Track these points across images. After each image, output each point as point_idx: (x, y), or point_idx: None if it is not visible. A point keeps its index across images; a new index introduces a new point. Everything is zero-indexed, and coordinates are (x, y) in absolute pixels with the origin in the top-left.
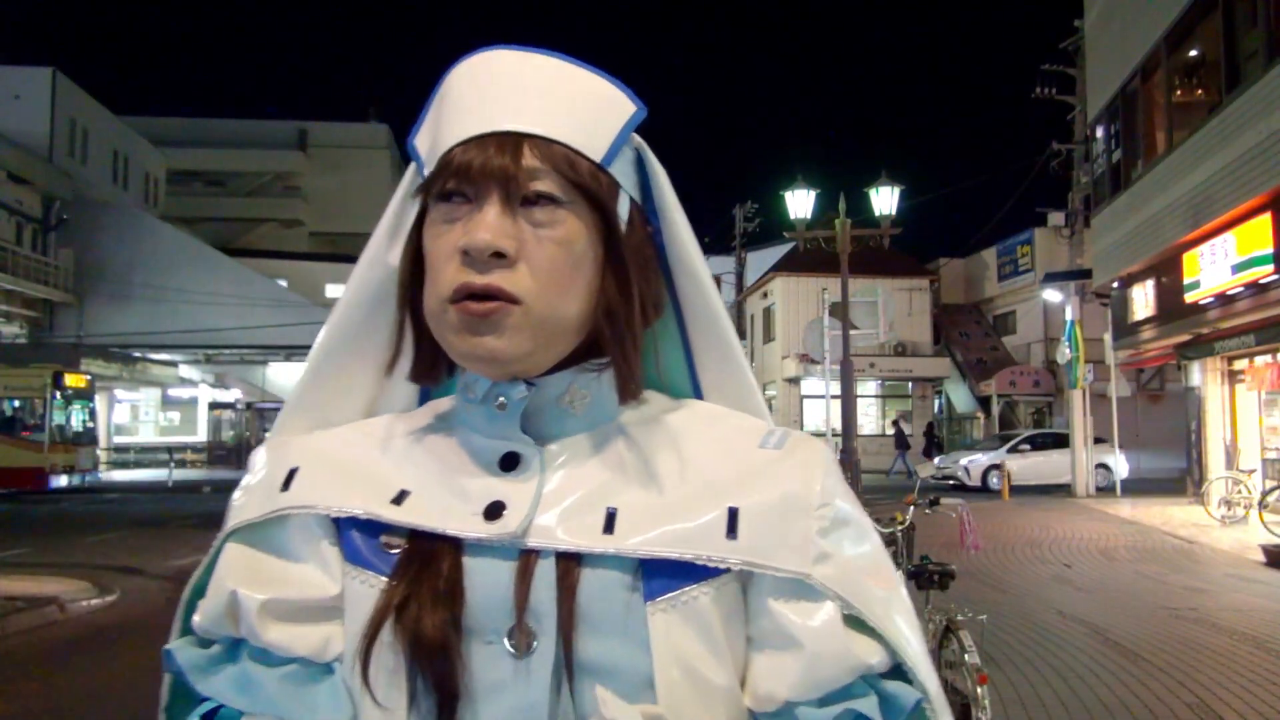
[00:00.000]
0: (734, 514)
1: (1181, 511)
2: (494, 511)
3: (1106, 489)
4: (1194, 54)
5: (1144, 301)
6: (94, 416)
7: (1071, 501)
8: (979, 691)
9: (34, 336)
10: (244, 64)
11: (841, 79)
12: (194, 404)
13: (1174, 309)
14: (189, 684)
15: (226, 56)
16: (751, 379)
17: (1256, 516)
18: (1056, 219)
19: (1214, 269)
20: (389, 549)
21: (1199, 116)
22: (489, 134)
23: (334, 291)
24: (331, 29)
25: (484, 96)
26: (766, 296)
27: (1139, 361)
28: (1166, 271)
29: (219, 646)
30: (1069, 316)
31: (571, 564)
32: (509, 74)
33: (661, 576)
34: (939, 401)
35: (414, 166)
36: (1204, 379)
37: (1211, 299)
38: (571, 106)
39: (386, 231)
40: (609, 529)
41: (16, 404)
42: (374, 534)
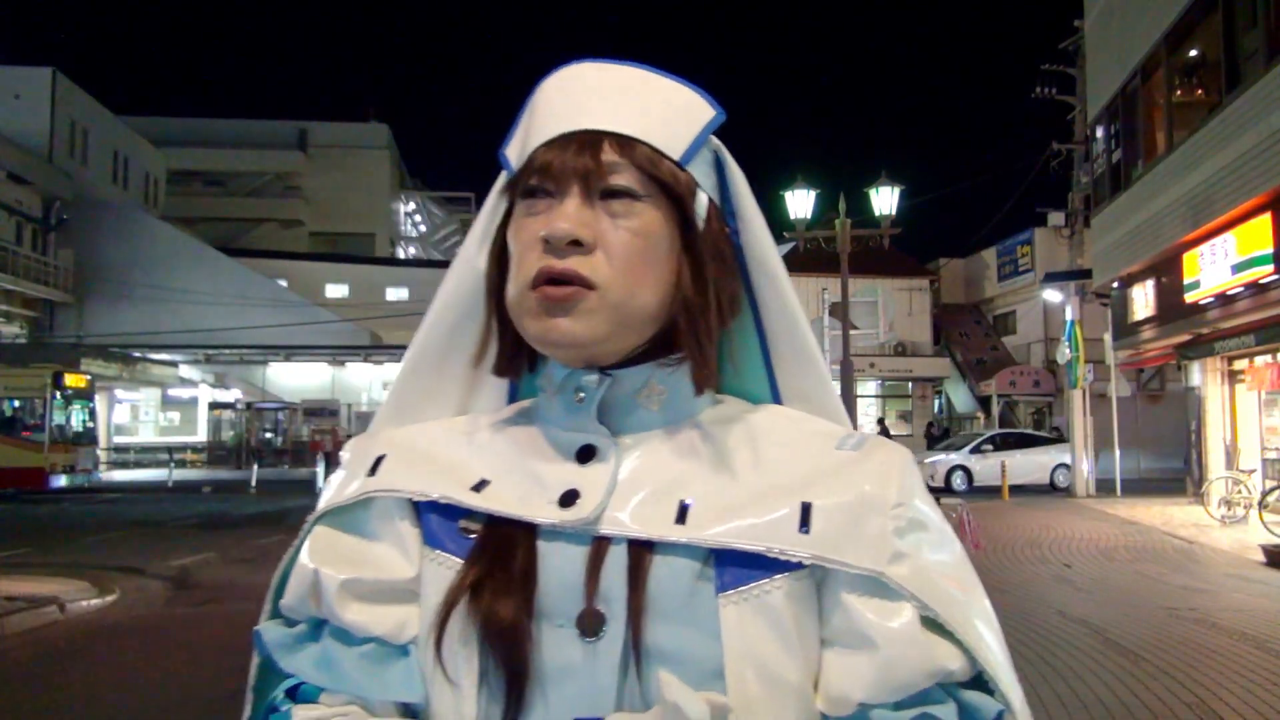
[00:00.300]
0: (807, 509)
1: (1181, 511)
2: (569, 499)
3: (1066, 489)
4: (1194, 54)
5: (1144, 301)
6: (94, 416)
7: (1071, 501)
8: None
9: (34, 336)
10: (244, 64)
11: (841, 79)
12: (194, 404)
13: (1174, 309)
14: (275, 664)
15: (226, 56)
16: (831, 384)
17: (1256, 516)
18: (1056, 219)
19: (1214, 269)
20: (466, 533)
21: (1199, 116)
22: (571, 133)
23: (334, 291)
24: (331, 29)
25: (568, 102)
26: None
27: (1139, 361)
28: (1166, 271)
29: (303, 626)
30: (1069, 316)
31: (643, 551)
32: (592, 82)
33: (734, 569)
34: (939, 402)
35: (504, 175)
36: (1204, 379)
37: (1211, 299)
38: (651, 109)
39: (478, 237)
40: (681, 519)
41: (16, 404)
42: (452, 519)
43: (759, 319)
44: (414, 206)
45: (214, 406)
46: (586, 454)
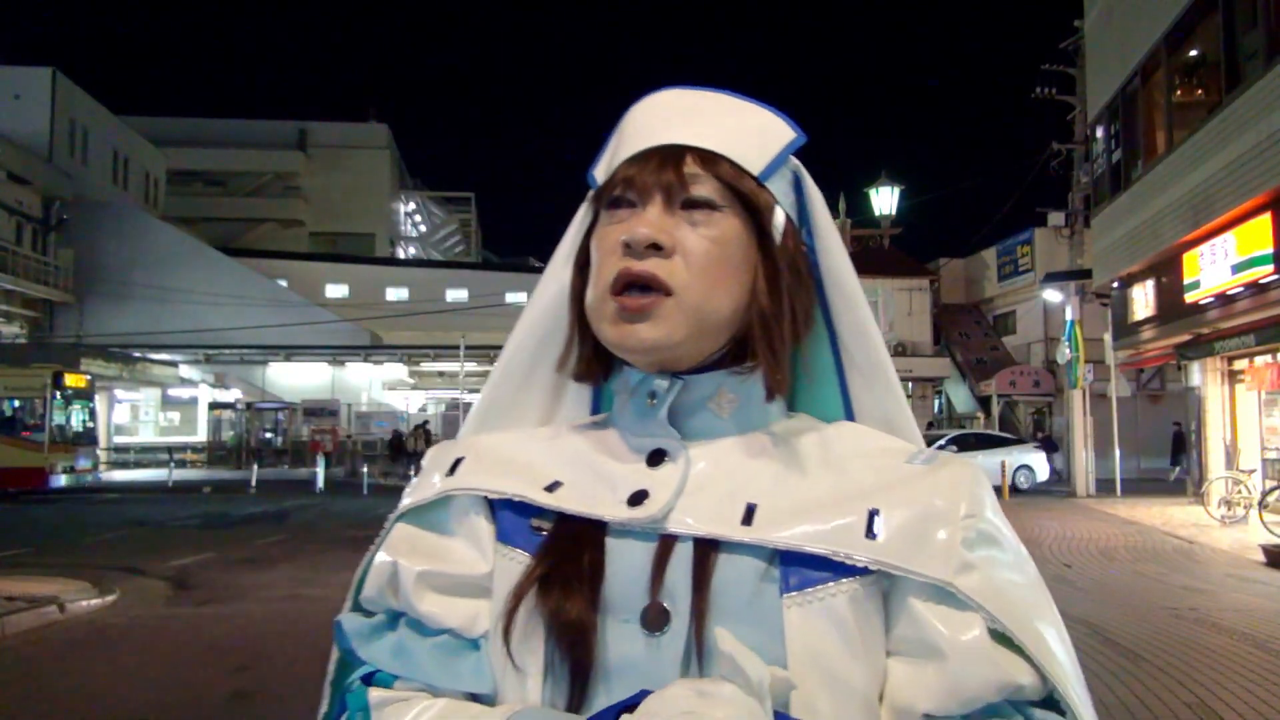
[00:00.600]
0: (873, 515)
1: (1181, 511)
2: (638, 499)
3: (1030, 491)
4: (1194, 54)
5: (1144, 301)
6: (94, 416)
7: (1071, 501)
8: None
9: (34, 336)
10: (244, 64)
11: (841, 78)
12: (194, 404)
13: (1174, 309)
14: (354, 653)
15: (226, 56)
16: (905, 403)
17: (1256, 516)
18: (1056, 219)
19: (1214, 269)
20: (538, 531)
21: (1199, 116)
22: (655, 148)
23: (333, 291)
24: (331, 29)
25: (653, 122)
26: None
27: (1139, 361)
28: (1166, 271)
29: (381, 617)
30: (1069, 316)
31: (709, 550)
32: (677, 104)
33: (799, 570)
34: (939, 402)
35: (592, 192)
36: (1204, 379)
37: (1211, 299)
38: (733, 128)
39: (565, 252)
40: (748, 520)
41: (16, 404)
42: (525, 516)
43: (834, 339)
44: (414, 206)
45: (214, 406)
46: (657, 457)
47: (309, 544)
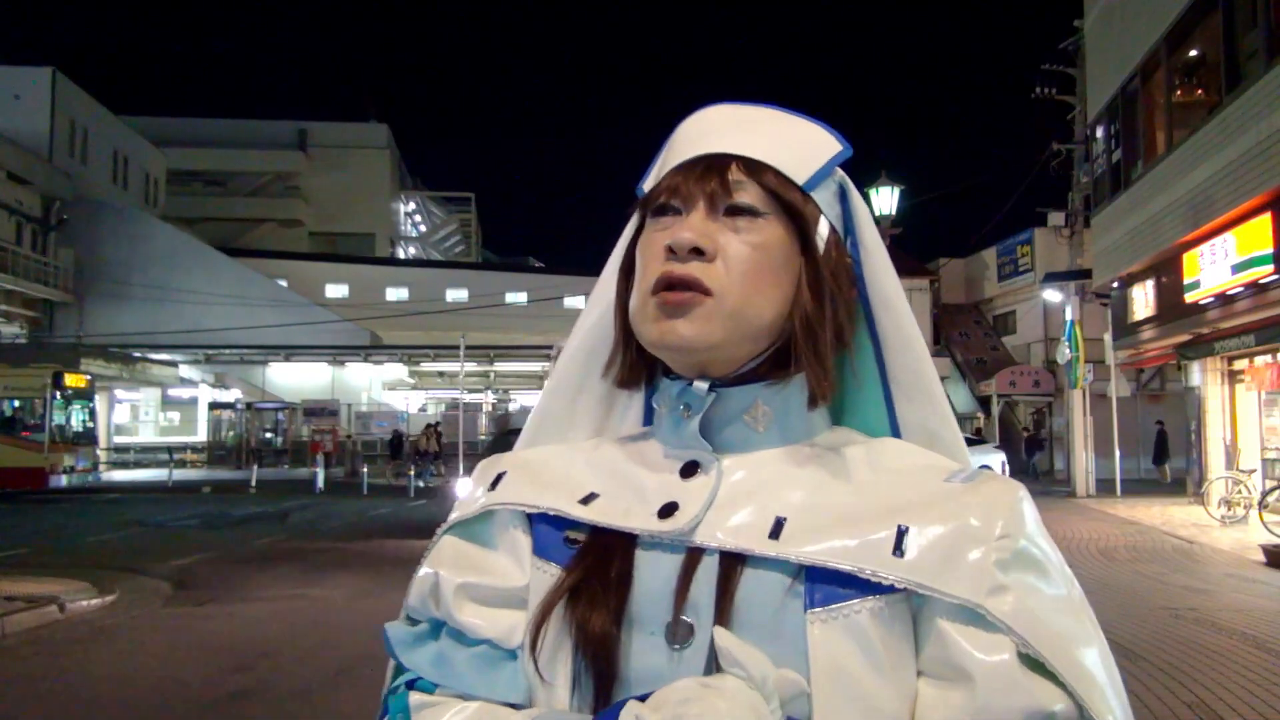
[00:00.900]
0: (903, 532)
1: (1181, 511)
2: (667, 511)
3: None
4: (1194, 54)
5: (1144, 301)
6: (94, 416)
7: (1071, 501)
8: None
9: (34, 336)
10: (244, 64)
11: (840, 78)
12: (194, 404)
13: (1174, 309)
14: (397, 660)
15: (226, 56)
16: (952, 420)
17: (1256, 516)
18: (1056, 219)
19: (1214, 269)
20: (571, 543)
21: (1199, 116)
22: (700, 156)
23: (334, 291)
24: (331, 29)
25: (700, 133)
26: None
27: (1139, 361)
28: (1166, 271)
29: (424, 625)
30: (1069, 316)
31: (735, 564)
32: (724, 116)
33: (824, 587)
34: None
35: (639, 201)
36: (1204, 379)
37: (1211, 299)
38: (779, 138)
39: (615, 263)
40: (775, 535)
41: (16, 404)
42: (559, 529)
43: (879, 352)
44: (414, 206)
45: (214, 406)
46: (690, 469)
47: (309, 544)
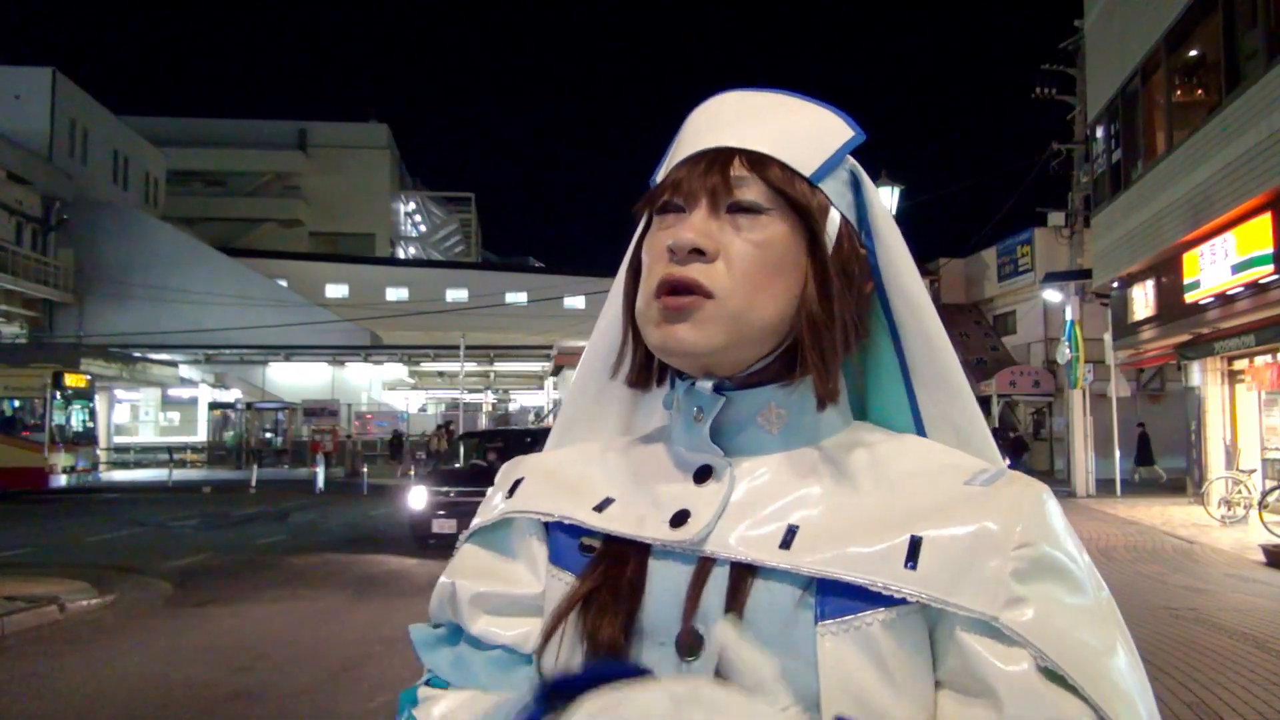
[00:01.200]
0: (916, 543)
1: (1181, 511)
2: (679, 519)
3: None
4: (1194, 54)
5: (1144, 301)
6: (94, 416)
7: (1071, 501)
8: None
9: (34, 336)
10: (244, 64)
11: (840, 78)
12: (194, 404)
13: (1174, 309)
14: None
15: (226, 56)
16: (978, 413)
17: (1256, 516)
18: (1056, 219)
19: (1214, 269)
20: (586, 551)
21: (1199, 116)
22: (704, 151)
23: (334, 291)
24: (331, 29)
25: (707, 125)
26: None
27: (1139, 361)
28: (1166, 271)
29: (444, 629)
30: (1069, 316)
31: (745, 574)
32: (732, 106)
33: (835, 598)
34: None
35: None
36: (1204, 379)
37: (1211, 299)
38: (786, 128)
39: (628, 261)
40: (786, 544)
41: (16, 404)
42: (575, 537)
43: (898, 343)
44: (414, 206)
45: (214, 406)
46: (704, 474)
47: (309, 544)
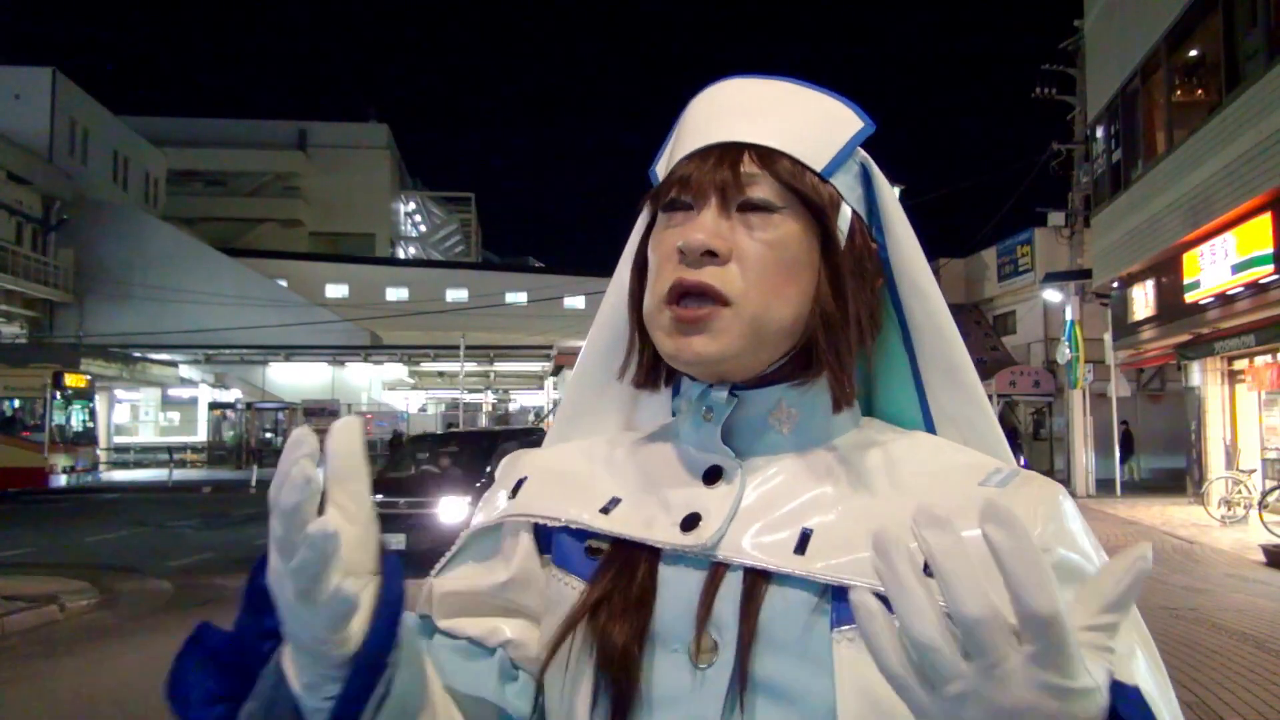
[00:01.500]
0: None
1: (1181, 511)
2: (690, 523)
3: None
4: (1194, 54)
5: (1144, 301)
6: (94, 416)
7: None
8: None
9: (34, 336)
10: (244, 64)
11: (839, 78)
12: (194, 404)
13: (1174, 309)
14: None
15: (226, 56)
16: (989, 411)
17: (1256, 516)
18: (1056, 219)
19: (1214, 269)
20: (593, 553)
21: (1199, 116)
22: (711, 146)
23: (334, 291)
24: (331, 29)
25: (712, 116)
26: None
27: (1139, 361)
28: (1166, 271)
29: (427, 620)
30: (1069, 316)
31: (759, 580)
32: (737, 96)
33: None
34: None
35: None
36: (1204, 379)
37: (1211, 299)
38: (794, 120)
39: (627, 254)
40: (800, 549)
41: (16, 404)
42: (580, 539)
43: (908, 338)
44: (414, 206)
45: (214, 406)
46: (713, 475)
47: None
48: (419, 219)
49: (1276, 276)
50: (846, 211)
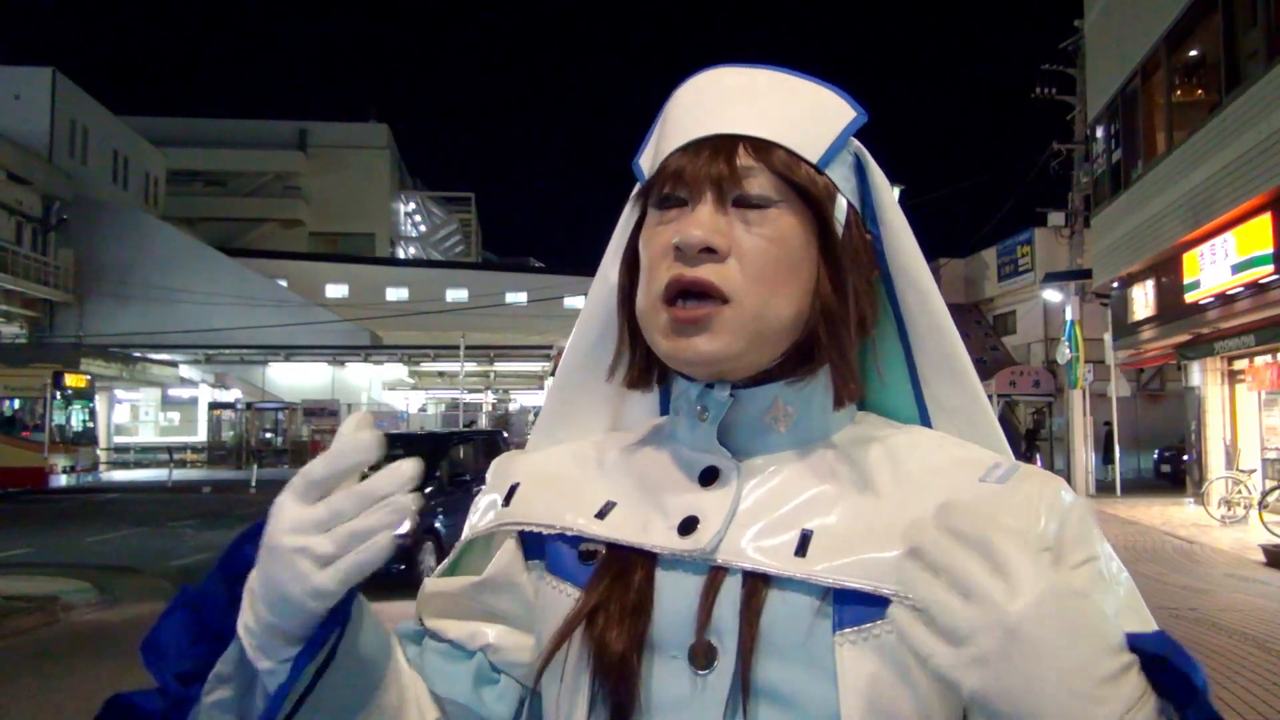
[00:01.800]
0: None
1: (1181, 511)
2: (688, 526)
3: None
4: (1194, 54)
5: (1144, 301)
6: (94, 416)
7: None
8: None
9: (34, 336)
10: (244, 64)
11: (839, 78)
12: (194, 404)
13: (1174, 309)
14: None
15: (226, 57)
16: (985, 404)
17: (1256, 516)
18: (1056, 219)
19: (1214, 269)
20: (589, 558)
21: (1199, 116)
22: (704, 138)
23: (334, 291)
24: (331, 29)
25: (702, 107)
26: None
27: (1139, 361)
28: (1166, 271)
29: (419, 625)
30: (1069, 316)
31: (759, 584)
32: (726, 85)
33: (853, 606)
34: None
35: (638, 186)
36: (1204, 379)
37: (1211, 299)
38: (788, 111)
39: (612, 250)
40: (801, 552)
41: (16, 404)
42: (574, 544)
43: (903, 331)
44: (414, 206)
45: (214, 406)
46: (710, 477)
47: None
48: (419, 219)
49: (1276, 276)
50: (842, 203)
